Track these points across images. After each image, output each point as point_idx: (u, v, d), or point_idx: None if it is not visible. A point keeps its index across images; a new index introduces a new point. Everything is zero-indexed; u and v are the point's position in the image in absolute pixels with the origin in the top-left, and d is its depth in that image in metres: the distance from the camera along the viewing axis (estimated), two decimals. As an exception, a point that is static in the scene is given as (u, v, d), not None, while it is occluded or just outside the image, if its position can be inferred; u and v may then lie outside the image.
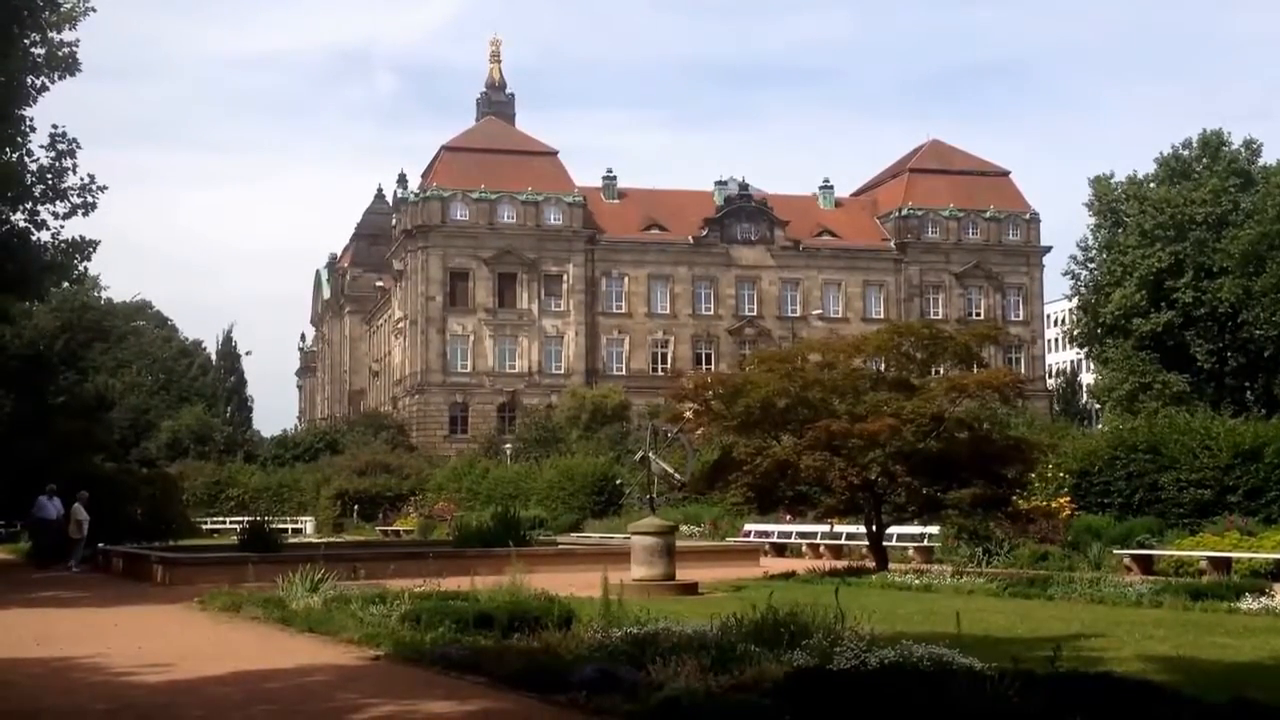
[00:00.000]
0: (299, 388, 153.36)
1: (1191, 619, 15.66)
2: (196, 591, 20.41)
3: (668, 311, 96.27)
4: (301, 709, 10.06)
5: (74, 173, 27.79)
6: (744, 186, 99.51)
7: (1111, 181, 78.78)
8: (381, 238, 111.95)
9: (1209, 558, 22.82)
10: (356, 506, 55.93)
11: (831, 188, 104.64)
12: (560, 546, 30.83)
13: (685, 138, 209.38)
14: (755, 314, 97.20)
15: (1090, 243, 79.65)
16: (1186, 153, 77.24)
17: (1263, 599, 16.70)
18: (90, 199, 27.91)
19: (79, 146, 27.83)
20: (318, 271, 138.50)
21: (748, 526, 35.72)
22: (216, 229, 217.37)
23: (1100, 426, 61.53)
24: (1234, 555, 22.61)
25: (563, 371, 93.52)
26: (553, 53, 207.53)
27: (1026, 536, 26.53)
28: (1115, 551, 24.89)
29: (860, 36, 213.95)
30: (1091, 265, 79.33)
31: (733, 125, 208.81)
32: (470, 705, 9.93)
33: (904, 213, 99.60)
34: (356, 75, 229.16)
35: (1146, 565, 24.08)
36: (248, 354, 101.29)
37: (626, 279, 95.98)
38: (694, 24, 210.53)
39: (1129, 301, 73.48)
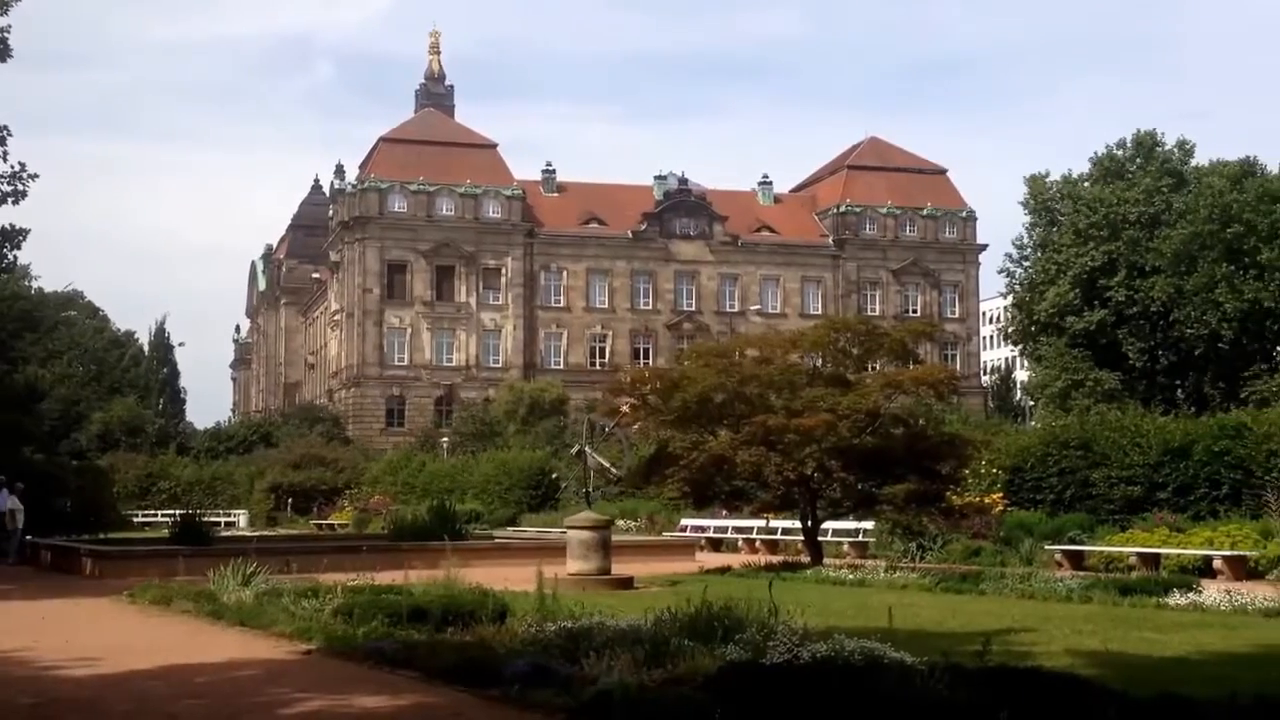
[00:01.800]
0: (233, 380, 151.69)
1: (1120, 614, 15.86)
2: (126, 585, 20.12)
3: (606, 306, 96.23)
4: (231, 703, 9.93)
5: (4, 160, 27.34)
6: (683, 181, 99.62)
7: (1046, 180, 79.73)
8: (318, 229, 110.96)
9: (1138, 554, 23.15)
10: (290, 500, 55.30)
11: (771, 183, 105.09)
12: (496, 540, 30.72)
13: (625, 132, 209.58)
14: (694, 309, 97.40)
15: (1025, 241, 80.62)
16: (1120, 153, 78.30)
17: (1190, 594, 16.95)
18: (21, 187, 27.50)
19: (9, 134, 27.38)
20: (253, 263, 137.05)
21: (684, 521, 35.77)
22: (150, 218, 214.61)
23: (1033, 423, 62.29)
24: (1163, 551, 22.94)
25: (500, 365, 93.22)
26: (492, 45, 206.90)
27: (960, 532, 26.78)
28: (1047, 547, 25.17)
29: (802, 33, 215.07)
30: (1026, 263, 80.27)
31: (673, 120, 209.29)
32: (402, 700, 9.86)
33: (842, 209, 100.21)
34: (295, 65, 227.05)
35: (1077, 561, 24.38)
36: (181, 345, 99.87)
37: (565, 273, 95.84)
38: (634, 18, 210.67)
39: (1063, 299, 74.43)
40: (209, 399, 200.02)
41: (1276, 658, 11.72)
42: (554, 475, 44.95)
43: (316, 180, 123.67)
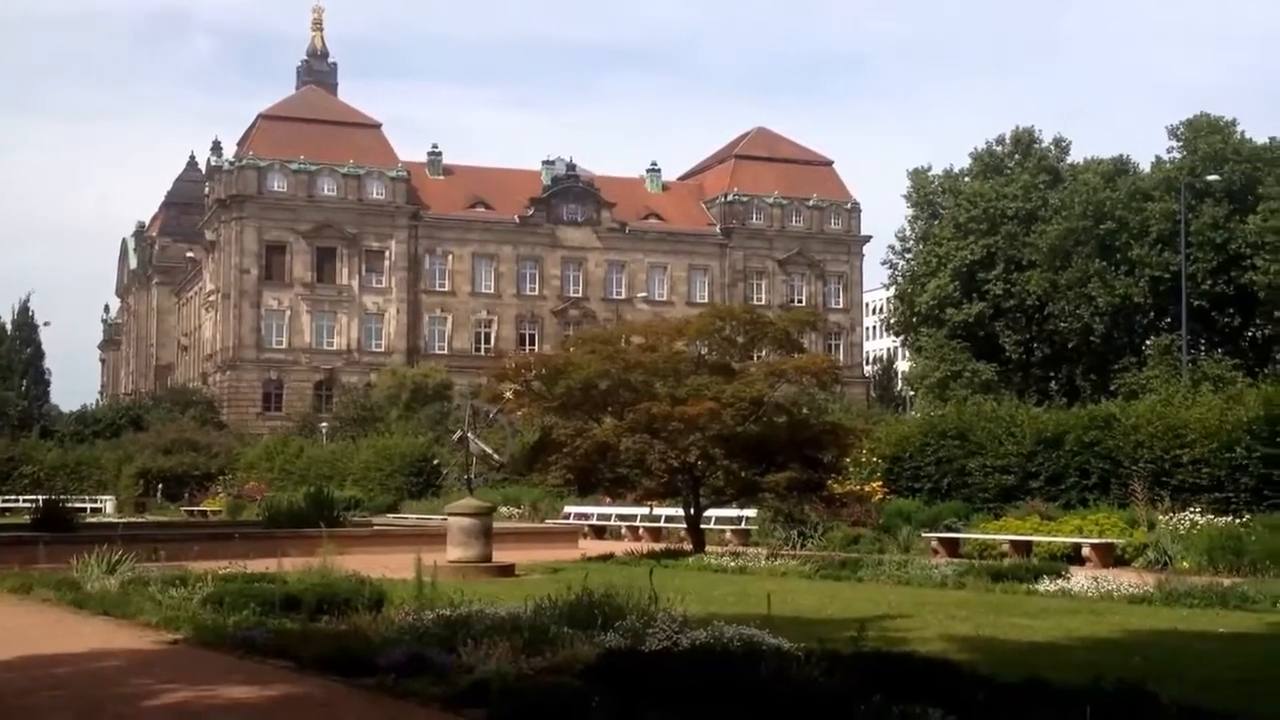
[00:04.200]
0: (101, 361, 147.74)
1: (992, 600, 16.15)
2: (-16, 573, 19.39)
3: (492, 291, 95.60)
4: (92, 695, 9.61)
5: None
6: (571, 167, 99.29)
7: (929, 174, 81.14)
8: (193, 207, 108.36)
9: (1011, 541, 23.61)
10: (161, 485, 53.95)
11: (659, 171, 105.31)
12: (375, 527, 30.34)
13: (513, 116, 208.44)
14: (580, 295, 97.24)
15: (908, 233, 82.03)
16: (1000, 148, 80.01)
17: (1059, 581, 17.32)
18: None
19: None
20: (124, 240, 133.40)
21: (567, 508, 35.69)
22: (15, 193, 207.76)
23: (913, 413, 63.36)
24: (1034, 539, 23.44)
25: (383, 349, 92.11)
26: (378, 23, 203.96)
27: (840, 520, 27.07)
28: (924, 534, 25.57)
29: (692, 22, 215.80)
30: (908, 255, 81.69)
31: (561, 105, 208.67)
32: (272, 690, 9.63)
33: (730, 198, 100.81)
34: (171, 37, 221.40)
35: (953, 548, 24.78)
36: (46, 325, 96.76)
37: (450, 257, 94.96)
38: (523, 1, 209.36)
39: (943, 292, 75.88)
40: (75, 381, 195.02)
41: (1140, 642, 12.01)
42: (436, 462, 44.50)
43: (192, 157, 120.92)
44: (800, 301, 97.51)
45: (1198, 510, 22.78)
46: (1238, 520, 21.75)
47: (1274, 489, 22.97)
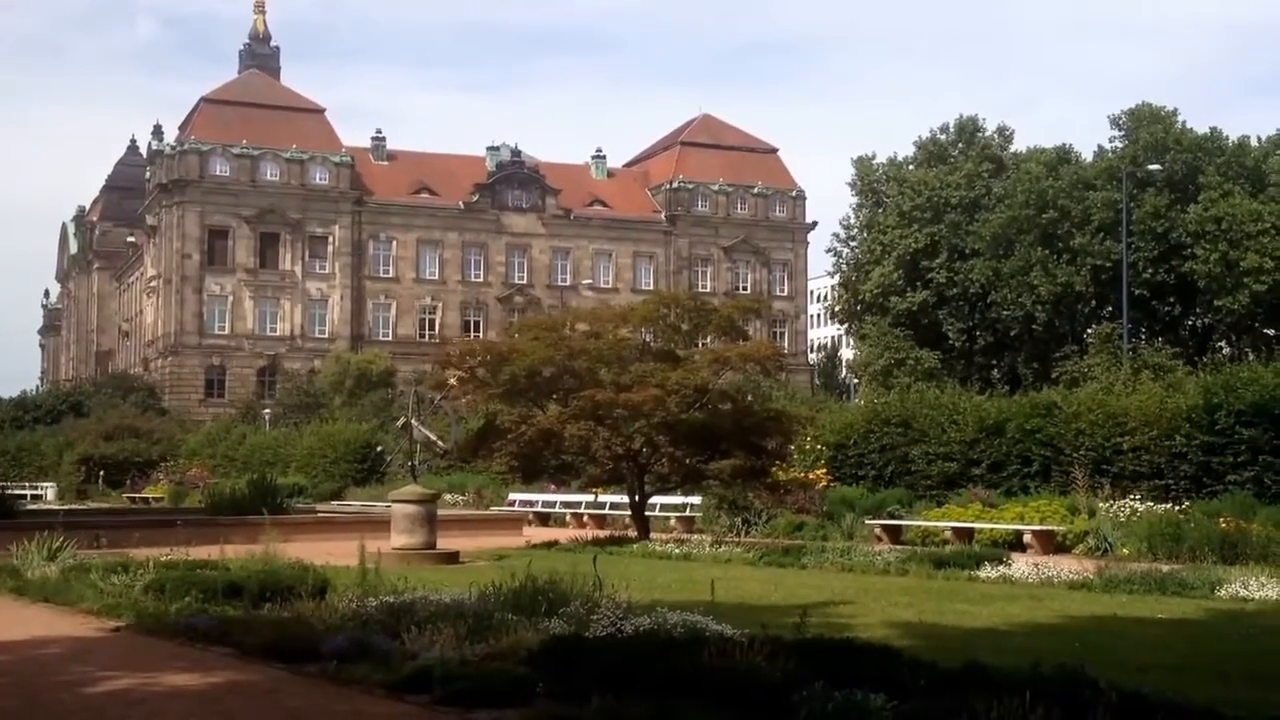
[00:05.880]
0: (42, 347, 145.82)
1: (935, 587, 16.31)
2: (-80, 561, 19.08)
3: (437, 277, 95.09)
4: (32, 682, 9.52)
5: None
6: (516, 153, 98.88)
7: (873, 162, 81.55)
8: (134, 191, 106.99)
9: (953, 528, 23.83)
10: (102, 472, 53.39)
11: (604, 157, 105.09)
12: (319, 515, 30.18)
13: (457, 101, 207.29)
14: (525, 282, 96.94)
15: (852, 221, 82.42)
16: (944, 137, 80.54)
17: (1000, 568, 17.51)
18: None
19: None
20: (64, 224, 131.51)
21: (512, 495, 35.64)
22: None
23: (857, 400, 63.77)
24: (976, 526, 23.66)
25: (327, 335, 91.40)
26: (320, 6, 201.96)
27: (784, 507, 27.19)
28: (867, 522, 25.71)
29: (637, 8, 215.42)
30: (853, 243, 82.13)
31: (506, 90, 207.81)
32: (214, 677, 9.59)
33: (675, 185, 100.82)
34: (112, 19, 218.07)
35: (896, 535, 24.98)
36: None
37: (395, 243, 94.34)
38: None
39: (887, 280, 76.37)
40: (15, 367, 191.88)
41: (1079, 628, 12.18)
42: (380, 449, 44.30)
43: (133, 140, 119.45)
44: (745, 289, 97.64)
45: (1137, 497, 23.09)
46: (1177, 507, 22.06)
47: (1212, 476, 23.34)
